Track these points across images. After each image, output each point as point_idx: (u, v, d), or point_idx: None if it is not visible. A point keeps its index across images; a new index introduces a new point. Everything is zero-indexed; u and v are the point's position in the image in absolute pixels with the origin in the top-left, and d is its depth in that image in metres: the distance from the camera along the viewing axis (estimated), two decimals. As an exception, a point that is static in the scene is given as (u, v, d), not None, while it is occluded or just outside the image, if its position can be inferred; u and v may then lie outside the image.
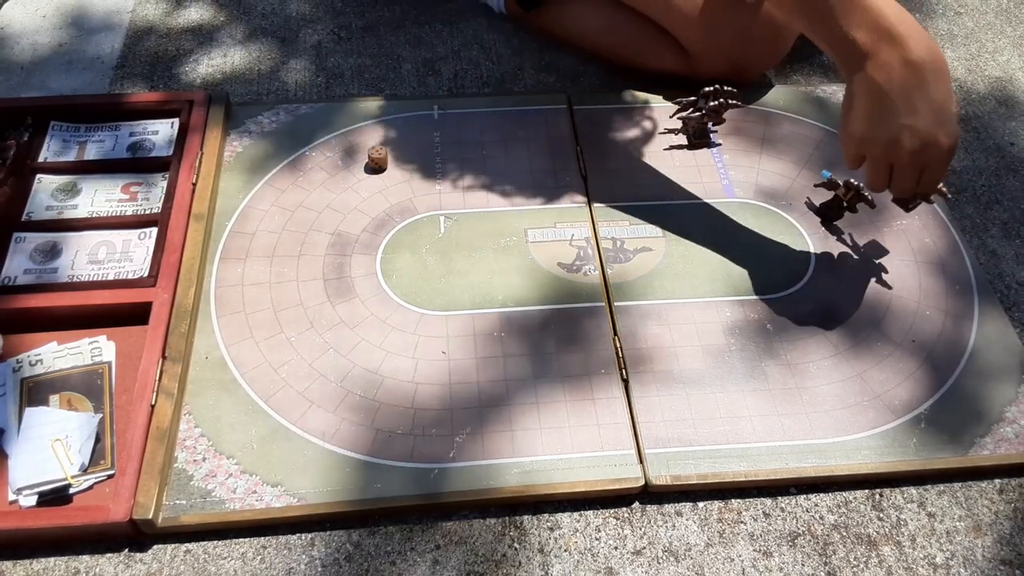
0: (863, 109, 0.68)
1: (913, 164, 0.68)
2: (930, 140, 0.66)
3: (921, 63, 0.66)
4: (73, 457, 0.66)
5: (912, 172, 0.69)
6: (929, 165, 0.68)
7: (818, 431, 0.71)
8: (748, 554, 0.66)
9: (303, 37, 1.05)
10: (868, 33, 0.67)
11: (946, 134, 0.66)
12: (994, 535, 0.67)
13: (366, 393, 0.71)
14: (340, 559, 0.64)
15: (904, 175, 0.69)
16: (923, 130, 0.66)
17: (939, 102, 0.66)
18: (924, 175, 0.69)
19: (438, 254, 0.81)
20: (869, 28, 0.67)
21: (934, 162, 0.68)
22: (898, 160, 0.68)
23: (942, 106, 0.66)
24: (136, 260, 0.78)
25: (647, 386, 0.73)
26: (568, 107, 0.94)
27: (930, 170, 0.69)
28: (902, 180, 0.69)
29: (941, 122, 0.66)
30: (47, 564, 0.64)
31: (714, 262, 0.82)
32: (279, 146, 0.89)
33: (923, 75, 0.65)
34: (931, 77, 0.66)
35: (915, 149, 0.66)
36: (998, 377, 0.75)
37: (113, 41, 1.04)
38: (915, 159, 0.67)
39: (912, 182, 0.69)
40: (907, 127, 0.65)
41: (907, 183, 0.70)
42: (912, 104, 0.65)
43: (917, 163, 0.68)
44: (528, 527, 0.67)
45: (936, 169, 0.69)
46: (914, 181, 0.69)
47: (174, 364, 0.70)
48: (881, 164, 0.69)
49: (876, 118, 0.67)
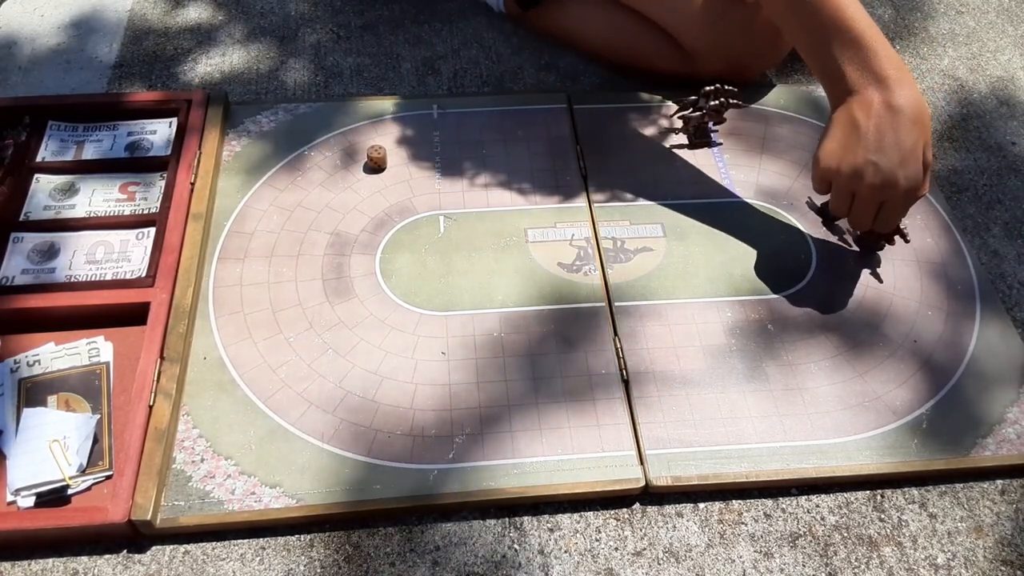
0: (838, 138, 0.72)
1: (872, 199, 0.72)
2: (891, 179, 0.70)
3: (901, 109, 0.70)
4: (71, 458, 0.66)
5: (870, 206, 0.72)
6: (887, 203, 0.72)
7: (819, 432, 0.70)
8: (749, 555, 0.65)
9: (302, 36, 1.05)
10: (860, 71, 0.71)
11: (906, 177, 0.70)
12: (995, 536, 0.67)
13: (365, 394, 0.71)
14: (339, 560, 0.64)
15: (862, 207, 0.73)
16: (886, 169, 0.70)
17: (909, 148, 0.70)
18: (881, 212, 0.73)
19: (438, 254, 0.81)
20: (862, 67, 0.71)
21: (891, 201, 0.72)
22: (858, 191, 0.72)
23: (911, 152, 0.70)
24: (134, 260, 0.78)
25: (647, 386, 0.72)
26: (568, 107, 0.94)
27: (887, 208, 0.73)
28: (860, 212, 0.73)
29: (905, 166, 0.70)
30: (45, 565, 0.63)
31: (715, 262, 0.81)
32: (278, 146, 0.89)
33: (900, 120, 0.70)
34: (907, 124, 0.70)
35: (875, 184, 0.70)
36: (1000, 378, 0.75)
37: (111, 40, 1.04)
38: (874, 194, 0.71)
39: (869, 216, 0.74)
40: (872, 163, 0.70)
41: (864, 216, 0.74)
42: (882, 143, 0.70)
43: (875, 199, 0.72)
44: (528, 528, 0.66)
45: (893, 209, 0.73)
46: (871, 216, 0.73)
47: (172, 365, 0.70)
48: (843, 192, 0.73)
49: (847, 148, 0.71)
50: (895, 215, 0.74)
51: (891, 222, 0.74)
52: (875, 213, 0.73)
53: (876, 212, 0.73)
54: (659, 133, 0.92)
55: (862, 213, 0.73)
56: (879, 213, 0.73)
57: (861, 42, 0.71)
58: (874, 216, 0.73)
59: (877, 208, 0.73)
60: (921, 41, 1.08)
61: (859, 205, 0.73)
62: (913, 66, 1.05)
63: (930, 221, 0.86)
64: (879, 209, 0.73)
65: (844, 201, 0.73)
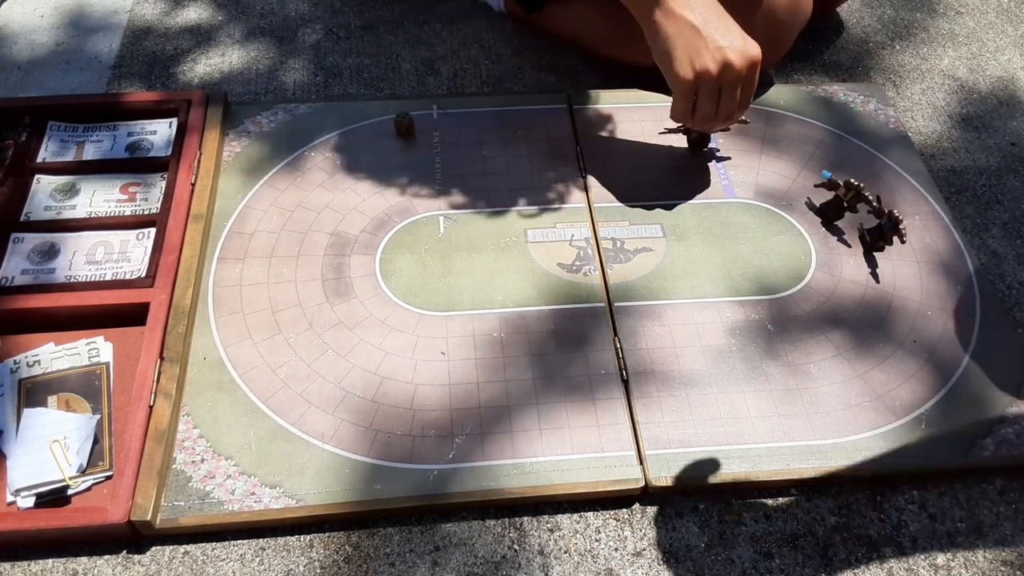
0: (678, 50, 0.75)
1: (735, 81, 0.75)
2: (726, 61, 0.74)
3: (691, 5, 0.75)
4: (71, 458, 0.66)
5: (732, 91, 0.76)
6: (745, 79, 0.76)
7: (819, 432, 0.70)
8: (749, 555, 0.65)
9: (301, 36, 1.05)
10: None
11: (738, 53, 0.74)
12: (995, 536, 0.67)
13: (365, 394, 0.71)
14: (339, 561, 0.64)
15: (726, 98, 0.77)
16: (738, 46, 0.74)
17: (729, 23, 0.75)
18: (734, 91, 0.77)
19: (437, 254, 0.81)
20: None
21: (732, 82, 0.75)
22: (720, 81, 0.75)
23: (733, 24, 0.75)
24: (134, 260, 0.78)
25: (647, 386, 0.72)
26: (568, 107, 0.94)
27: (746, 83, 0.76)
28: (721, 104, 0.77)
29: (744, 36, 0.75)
30: (45, 565, 0.63)
31: (714, 262, 0.81)
32: (278, 146, 0.89)
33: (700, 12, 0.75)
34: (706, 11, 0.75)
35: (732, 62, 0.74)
36: (1000, 378, 0.75)
37: (111, 41, 1.04)
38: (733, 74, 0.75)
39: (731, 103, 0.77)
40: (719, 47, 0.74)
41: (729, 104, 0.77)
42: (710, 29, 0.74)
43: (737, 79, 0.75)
44: (528, 528, 0.66)
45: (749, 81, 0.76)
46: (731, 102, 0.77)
47: (172, 365, 0.70)
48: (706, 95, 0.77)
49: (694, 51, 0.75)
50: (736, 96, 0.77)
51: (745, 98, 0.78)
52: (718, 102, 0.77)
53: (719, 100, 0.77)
54: (659, 134, 0.92)
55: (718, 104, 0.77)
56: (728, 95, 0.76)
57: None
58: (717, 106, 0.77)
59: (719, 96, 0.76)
60: (921, 41, 1.08)
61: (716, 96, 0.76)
62: (913, 66, 1.05)
63: (930, 221, 0.86)
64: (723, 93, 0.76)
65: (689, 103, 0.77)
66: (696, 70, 0.75)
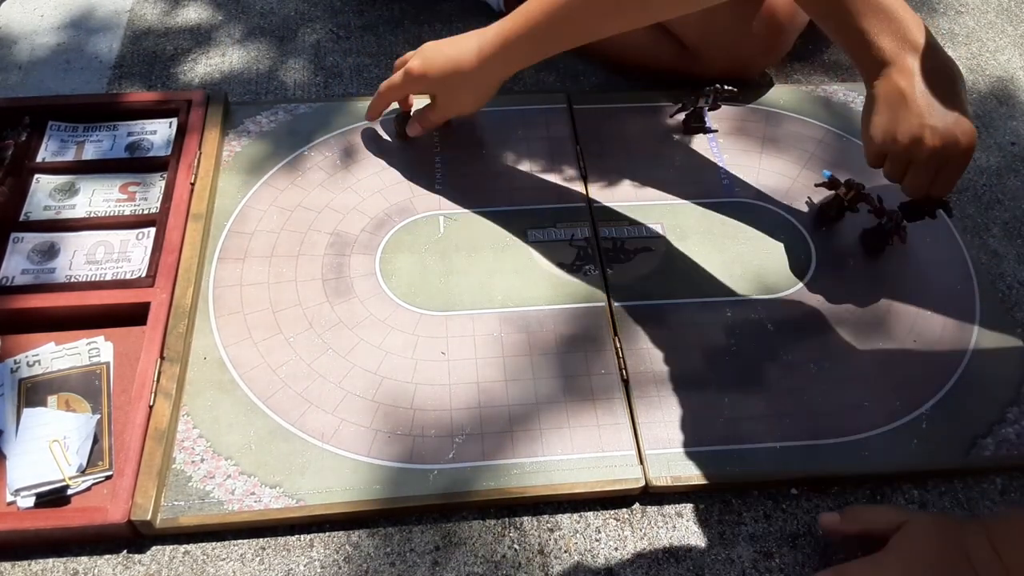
0: (886, 111, 0.71)
1: (932, 160, 0.71)
2: (950, 140, 0.70)
3: (940, 71, 0.71)
4: (71, 458, 0.66)
5: (929, 170, 0.72)
6: (947, 163, 0.72)
7: (819, 432, 0.70)
8: (748, 555, 0.65)
9: (301, 36, 1.05)
10: (893, 41, 0.71)
11: (963, 133, 0.70)
12: (996, 536, 0.67)
13: (365, 394, 0.71)
14: (339, 560, 0.64)
15: (920, 172, 0.72)
16: (943, 130, 0.69)
17: (956, 106, 0.70)
18: (940, 174, 0.72)
19: (438, 254, 0.81)
20: (894, 36, 0.71)
21: (952, 160, 0.71)
22: (917, 158, 0.71)
23: (959, 110, 0.70)
24: (134, 260, 0.78)
25: (647, 386, 0.72)
26: (568, 107, 0.94)
27: (947, 169, 0.72)
28: (917, 177, 0.73)
29: (959, 123, 0.70)
30: (45, 565, 0.63)
31: (714, 262, 0.81)
32: (278, 146, 0.89)
33: (942, 82, 0.70)
34: (948, 84, 0.71)
35: (935, 148, 0.70)
36: (999, 378, 0.75)
37: (111, 41, 1.04)
38: (934, 157, 0.71)
39: (927, 179, 0.73)
40: (929, 127, 0.69)
41: (922, 180, 0.73)
42: (932, 106, 0.70)
43: (935, 162, 0.71)
44: (528, 528, 0.66)
45: (953, 168, 0.72)
46: (929, 179, 0.73)
47: (172, 365, 0.70)
48: (900, 162, 0.73)
49: (899, 119, 0.71)
50: (955, 173, 0.73)
51: (951, 182, 0.74)
52: (933, 177, 0.73)
53: (934, 176, 0.72)
54: (659, 133, 0.92)
55: (920, 178, 0.73)
56: (937, 176, 0.72)
57: (888, 12, 0.72)
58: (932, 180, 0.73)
59: (936, 172, 0.72)
60: (921, 41, 1.08)
61: (917, 171, 0.72)
62: (913, 66, 1.05)
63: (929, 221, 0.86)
64: (937, 172, 0.72)
65: (900, 169, 0.73)
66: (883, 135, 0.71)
